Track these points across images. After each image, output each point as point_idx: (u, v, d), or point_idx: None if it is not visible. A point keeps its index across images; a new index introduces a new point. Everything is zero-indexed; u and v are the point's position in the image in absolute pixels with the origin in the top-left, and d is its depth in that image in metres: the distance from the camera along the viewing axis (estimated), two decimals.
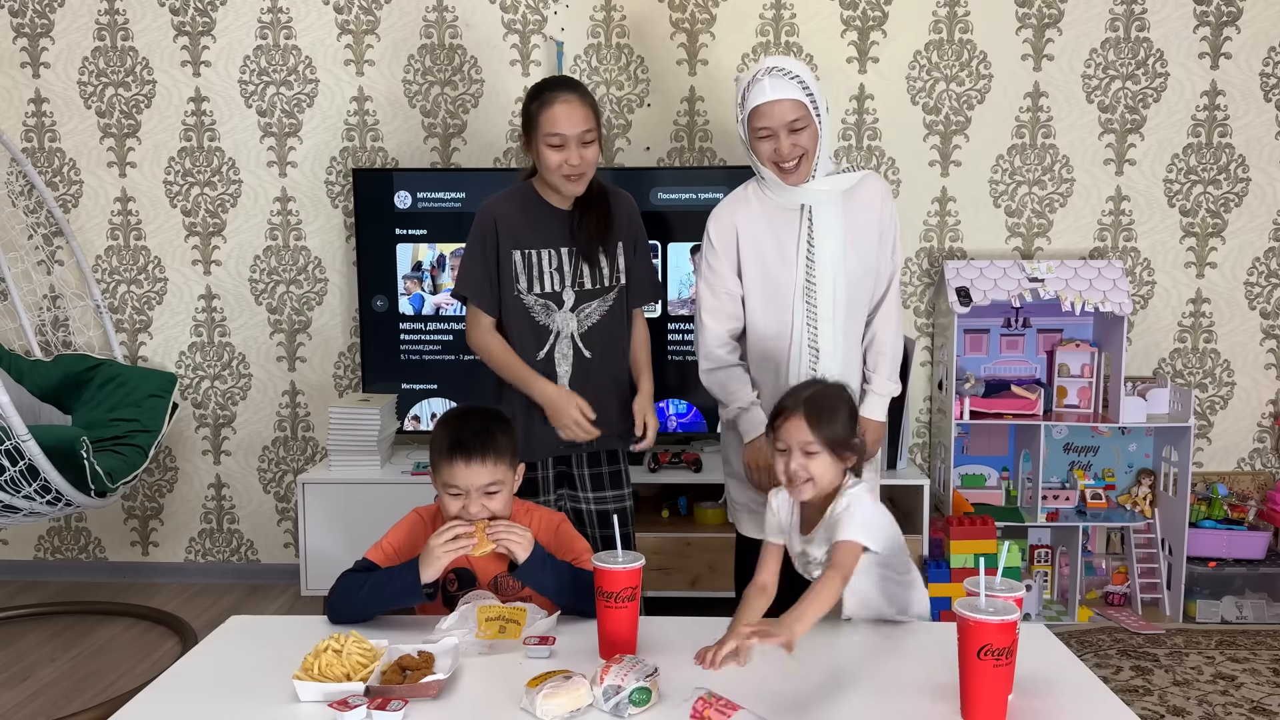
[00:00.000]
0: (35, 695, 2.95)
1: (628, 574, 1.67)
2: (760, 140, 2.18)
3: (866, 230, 2.29)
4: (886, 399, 2.34)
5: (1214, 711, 2.77)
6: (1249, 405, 3.65)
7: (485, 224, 2.37)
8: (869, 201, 2.29)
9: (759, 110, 2.16)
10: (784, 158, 2.17)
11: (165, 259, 3.77)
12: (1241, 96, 3.52)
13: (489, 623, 1.73)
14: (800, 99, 2.15)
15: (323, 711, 1.50)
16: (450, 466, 1.89)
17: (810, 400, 1.84)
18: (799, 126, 2.15)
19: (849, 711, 1.54)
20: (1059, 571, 3.55)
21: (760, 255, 2.28)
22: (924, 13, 3.53)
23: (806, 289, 2.25)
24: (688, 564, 3.35)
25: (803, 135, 2.17)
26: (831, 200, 2.25)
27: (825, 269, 2.24)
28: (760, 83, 2.15)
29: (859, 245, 2.28)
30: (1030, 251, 3.62)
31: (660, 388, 3.51)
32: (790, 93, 2.14)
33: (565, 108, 2.25)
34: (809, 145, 2.18)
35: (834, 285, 2.25)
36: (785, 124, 2.15)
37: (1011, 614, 1.44)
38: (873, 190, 2.30)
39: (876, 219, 2.30)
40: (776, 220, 2.27)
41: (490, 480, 1.90)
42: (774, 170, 2.21)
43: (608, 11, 3.58)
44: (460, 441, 1.89)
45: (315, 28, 3.63)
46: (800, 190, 2.22)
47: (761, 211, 2.29)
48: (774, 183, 2.23)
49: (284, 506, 3.85)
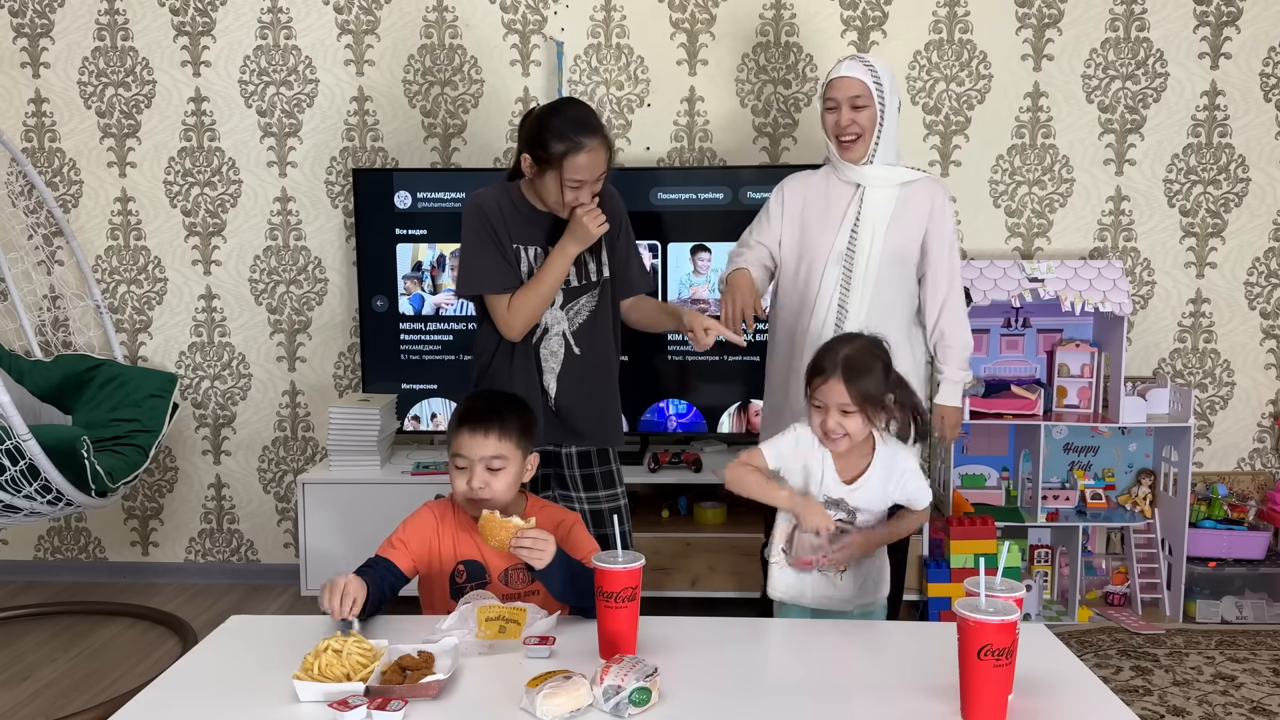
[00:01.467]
0: (35, 695, 2.95)
1: (628, 574, 1.66)
2: (828, 111, 2.50)
3: (914, 225, 2.51)
4: (960, 385, 2.57)
5: (1214, 711, 2.77)
6: (1249, 405, 3.65)
7: (476, 217, 2.35)
8: (922, 201, 2.51)
9: (832, 82, 2.49)
10: (842, 130, 2.47)
11: (165, 259, 3.77)
12: (1241, 96, 3.52)
13: (489, 623, 1.73)
14: (866, 81, 2.45)
15: (323, 711, 1.50)
16: (457, 436, 1.93)
17: (847, 361, 1.94)
18: (860, 105, 2.45)
19: (849, 711, 1.54)
20: (1059, 571, 3.55)
21: (804, 222, 2.55)
22: (924, 13, 3.53)
23: (846, 255, 2.48)
24: (688, 564, 3.35)
25: (862, 114, 2.46)
26: (886, 187, 2.50)
27: (865, 238, 2.47)
28: (842, 63, 2.50)
29: (904, 235, 2.50)
30: (1030, 251, 3.62)
31: (660, 388, 3.54)
32: (859, 74, 2.45)
33: (591, 157, 2.24)
34: (866, 125, 2.46)
35: (869, 254, 2.46)
36: (849, 98, 2.45)
37: (1011, 614, 1.44)
38: (928, 191, 2.52)
39: (926, 218, 2.51)
40: (832, 193, 2.54)
41: (494, 453, 1.91)
42: (835, 144, 2.50)
43: (608, 11, 3.58)
44: (469, 412, 1.95)
45: (315, 28, 3.63)
46: (858, 170, 2.50)
47: (821, 184, 2.57)
48: (836, 160, 2.53)
49: (284, 506, 3.85)
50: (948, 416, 2.57)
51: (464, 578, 1.94)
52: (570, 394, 2.40)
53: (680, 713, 1.52)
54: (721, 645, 1.77)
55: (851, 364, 1.93)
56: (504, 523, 1.81)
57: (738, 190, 3.43)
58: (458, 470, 1.93)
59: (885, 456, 1.99)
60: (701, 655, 1.72)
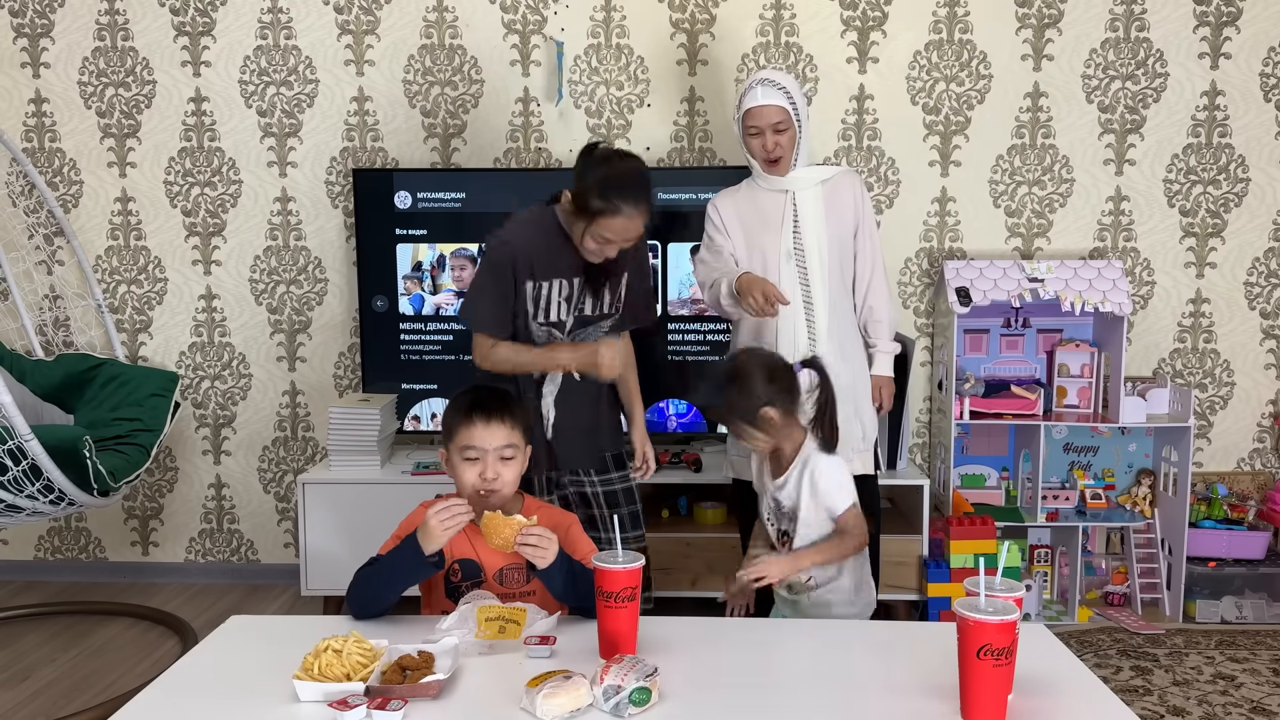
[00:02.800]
0: (35, 695, 2.95)
1: (628, 574, 1.67)
2: (750, 136, 2.65)
3: (846, 215, 2.70)
4: (890, 356, 2.78)
5: (1214, 711, 2.77)
6: (1249, 405, 3.65)
7: (503, 258, 2.37)
8: (845, 191, 2.71)
9: (750, 112, 2.63)
10: (769, 153, 2.63)
11: (165, 259, 3.77)
12: (1241, 97, 3.52)
13: (489, 623, 1.73)
14: (784, 106, 2.61)
15: (323, 711, 1.50)
16: (469, 427, 1.92)
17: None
18: (782, 128, 2.62)
19: (849, 711, 1.54)
20: (1059, 571, 3.55)
21: (745, 228, 2.70)
22: (924, 13, 3.53)
23: (796, 254, 2.65)
24: (688, 564, 3.35)
25: (784, 136, 2.63)
26: (811, 186, 2.68)
27: (810, 236, 2.65)
28: (754, 90, 2.63)
29: (838, 225, 2.69)
30: (1030, 251, 3.62)
31: (661, 387, 3.54)
32: (776, 100, 2.61)
33: (625, 223, 2.26)
34: (788, 145, 2.64)
35: (819, 250, 2.65)
36: (771, 124, 2.61)
37: (1011, 614, 1.44)
38: (849, 182, 2.72)
39: (852, 207, 2.71)
40: (764, 202, 2.71)
41: (506, 442, 1.92)
42: (761, 163, 2.67)
43: (608, 11, 3.58)
44: (478, 402, 1.95)
45: (315, 28, 3.63)
46: (784, 179, 2.68)
47: (751, 196, 2.73)
48: (761, 175, 2.70)
49: (284, 506, 3.85)
50: (884, 387, 2.78)
51: (459, 577, 1.94)
52: (566, 419, 2.44)
53: (680, 713, 1.52)
54: (721, 645, 1.77)
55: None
56: (508, 521, 1.81)
57: None
58: (468, 462, 1.92)
59: (804, 459, 2.08)
60: (701, 655, 1.72)
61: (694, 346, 3.51)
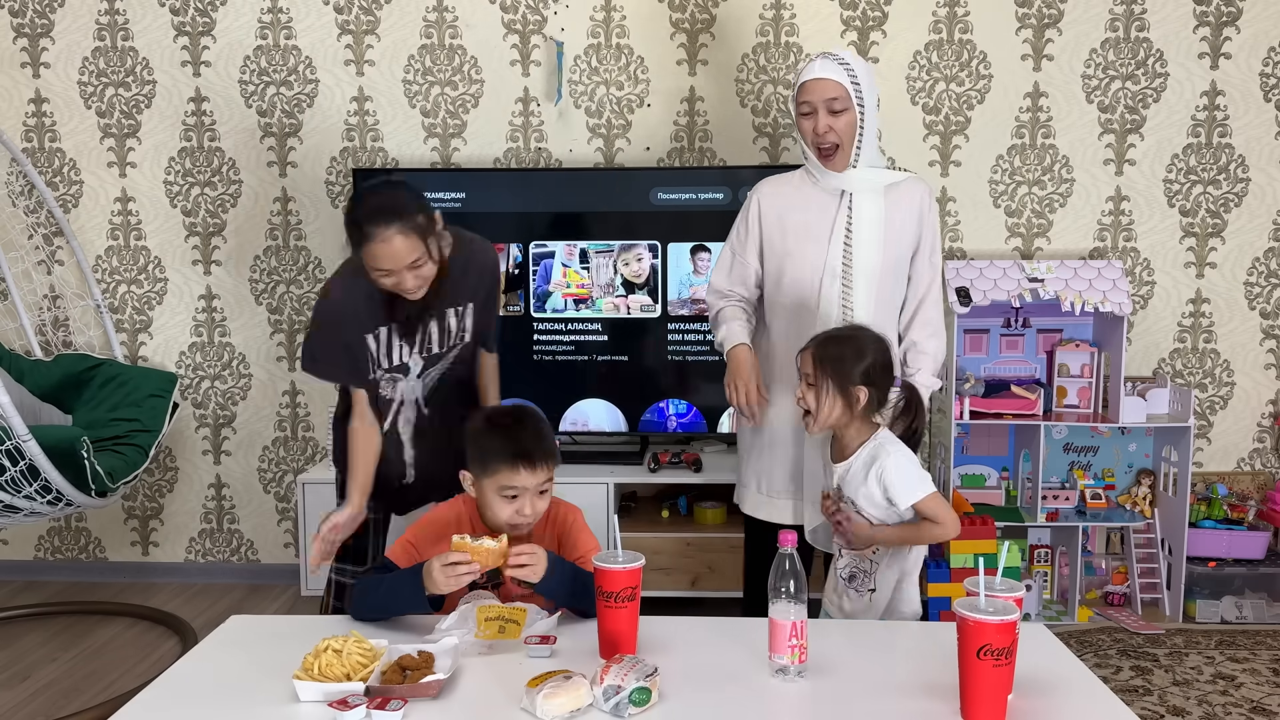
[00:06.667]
0: (35, 695, 2.95)
1: (628, 574, 1.67)
2: (803, 117, 2.29)
3: (905, 230, 2.35)
4: (928, 390, 2.35)
5: (1214, 711, 2.77)
6: (1249, 405, 3.65)
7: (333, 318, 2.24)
8: (911, 203, 2.36)
9: (804, 86, 2.28)
10: (820, 136, 2.26)
11: (165, 259, 3.77)
12: (1241, 97, 3.52)
13: (488, 622, 1.73)
14: (843, 82, 2.25)
15: (323, 711, 1.50)
16: (514, 472, 1.88)
17: (830, 339, 2.04)
18: (838, 109, 2.25)
19: (849, 711, 1.54)
20: (1059, 571, 3.55)
21: (787, 231, 2.36)
22: (924, 13, 3.53)
23: (844, 271, 2.31)
24: (688, 564, 3.35)
25: (840, 119, 2.26)
26: (873, 191, 2.33)
27: (863, 253, 2.30)
28: (813, 62, 2.29)
29: (897, 242, 2.35)
30: (1030, 251, 3.62)
31: (660, 388, 3.54)
32: (834, 74, 2.25)
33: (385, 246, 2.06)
34: (845, 131, 2.27)
35: (870, 269, 2.31)
36: (825, 101, 2.25)
37: (1011, 614, 1.44)
38: (916, 193, 2.37)
39: (916, 223, 2.36)
40: (813, 202, 2.35)
41: (546, 478, 1.93)
42: (814, 152, 2.31)
43: (608, 11, 3.58)
44: (525, 451, 1.89)
45: (315, 28, 3.63)
46: (842, 177, 2.32)
47: (798, 194, 2.38)
48: (815, 167, 2.34)
49: (284, 506, 3.85)
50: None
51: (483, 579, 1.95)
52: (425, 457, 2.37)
53: (680, 713, 1.52)
54: (721, 645, 1.77)
55: (829, 342, 2.03)
56: (490, 550, 1.77)
57: (738, 190, 3.43)
58: (506, 500, 1.90)
59: (875, 444, 2.03)
60: (701, 655, 1.72)
61: (694, 346, 3.51)
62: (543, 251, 3.49)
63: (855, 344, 2.04)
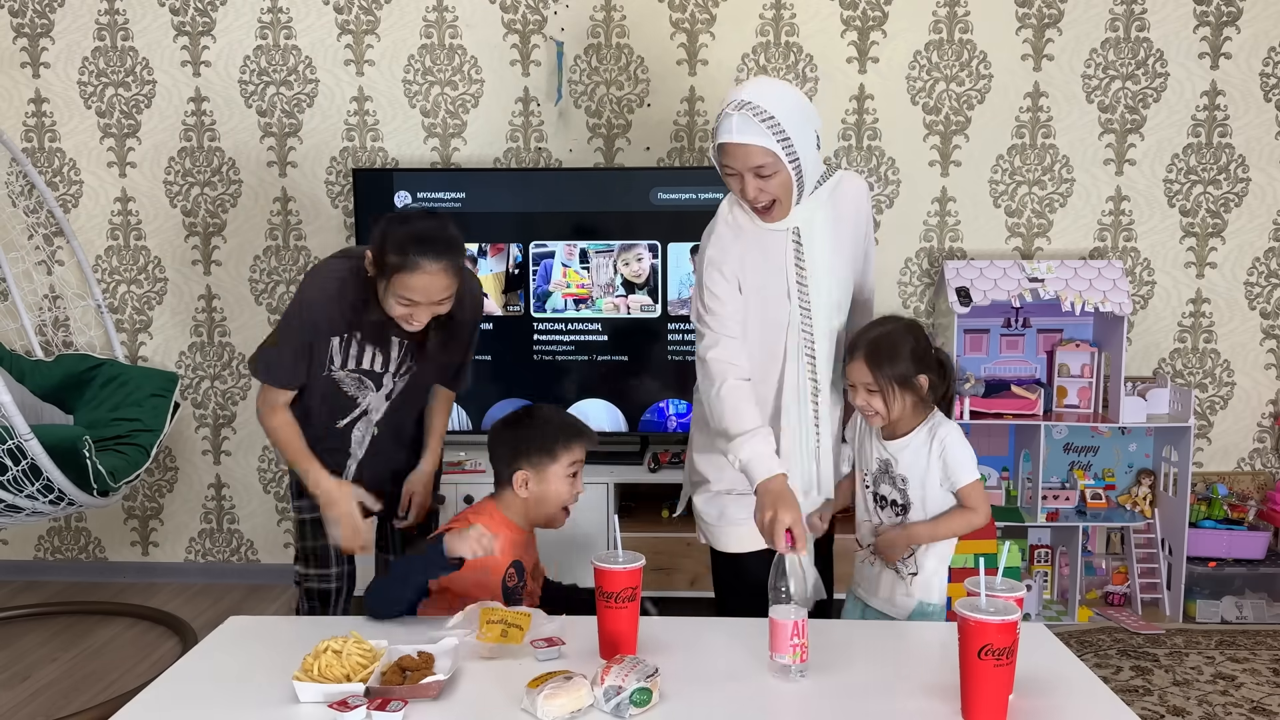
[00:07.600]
0: (35, 695, 2.95)
1: (628, 574, 1.67)
2: (728, 176, 1.96)
3: (853, 233, 2.14)
4: None
5: (1214, 711, 2.77)
6: (1249, 405, 3.65)
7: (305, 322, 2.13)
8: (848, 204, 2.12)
9: (724, 148, 1.92)
10: (753, 201, 1.95)
11: (165, 259, 3.77)
12: (1241, 96, 3.52)
13: (491, 625, 1.72)
14: (769, 146, 1.87)
15: (322, 712, 1.50)
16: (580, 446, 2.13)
17: (872, 343, 2.00)
18: (766, 174, 1.90)
19: (849, 711, 1.54)
20: (1059, 571, 3.55)
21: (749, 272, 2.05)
22: (924, 13, 3.53)
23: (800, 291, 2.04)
24: (688, 564, 3.35)
25: (771, 182, 1.92)
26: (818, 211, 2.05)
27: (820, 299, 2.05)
28: (729, 118, 1.88)
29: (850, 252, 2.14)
30: (1030, 251, 3.62)
31: (660, 388, 3.53)
32: (757, 139, 1.87)
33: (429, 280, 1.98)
34: (779, 192, 1.93)
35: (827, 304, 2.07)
36: (750, 169, 1.90)
37: (1012, 614, 1.44)
38: (851, 192, 2.13)
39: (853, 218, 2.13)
40: (769, 246, 2.04)
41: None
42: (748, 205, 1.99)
43: (608, 11, 3.58)
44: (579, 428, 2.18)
45: (315, 28, 3.63)
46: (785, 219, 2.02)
47: (756, 239, 2.04)
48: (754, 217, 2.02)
49: (284, 506, 3.85)
50: None
51: (515, 580, 1.96)
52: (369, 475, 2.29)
53: (681, 713, 1.52)
54: (721, 645, 1.77)
55: (875, 346, 1.99)
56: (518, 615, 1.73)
57: None
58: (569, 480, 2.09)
59: (933, 422, 2.02)
60: (701, 655, 1.72)
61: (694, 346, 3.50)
62: (543, 251, 3.49)
63: (895, 338, 2.01)
